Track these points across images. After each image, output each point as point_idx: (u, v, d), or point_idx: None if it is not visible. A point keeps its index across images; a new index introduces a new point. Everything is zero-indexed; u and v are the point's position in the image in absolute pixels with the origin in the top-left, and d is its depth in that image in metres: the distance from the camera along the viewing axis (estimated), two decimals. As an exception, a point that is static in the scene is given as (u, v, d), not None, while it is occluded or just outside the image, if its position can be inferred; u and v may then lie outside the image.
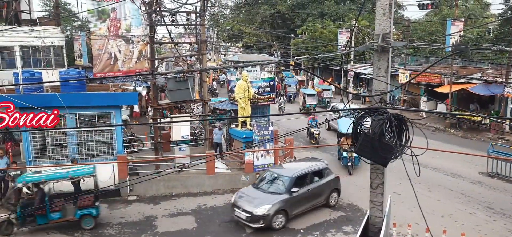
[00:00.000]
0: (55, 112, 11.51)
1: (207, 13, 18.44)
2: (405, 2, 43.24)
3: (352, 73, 32.35)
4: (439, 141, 19.39)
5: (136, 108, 24.62)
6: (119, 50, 24.05)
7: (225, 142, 18.43)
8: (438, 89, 24.05)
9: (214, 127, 17.28)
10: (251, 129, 15.30)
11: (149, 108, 21.35)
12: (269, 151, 14.86)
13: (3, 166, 11.58)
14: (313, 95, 26.48)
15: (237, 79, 16.13)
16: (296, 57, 5.39)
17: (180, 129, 16.20)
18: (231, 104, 17.56)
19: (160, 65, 18.86)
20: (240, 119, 15.66)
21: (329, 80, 39.23)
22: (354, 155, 19.49)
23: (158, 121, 16.83)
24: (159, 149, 16.09)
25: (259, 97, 16.45)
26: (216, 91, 36.03)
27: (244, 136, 15.42)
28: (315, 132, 18.23)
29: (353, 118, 5.23)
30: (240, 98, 15.23)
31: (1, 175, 11.68)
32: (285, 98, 29.76)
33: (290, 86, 33.12)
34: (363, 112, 5.22)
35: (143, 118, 24.46)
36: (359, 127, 5.21)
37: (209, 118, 16.19)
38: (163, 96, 25.86)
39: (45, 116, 11.43)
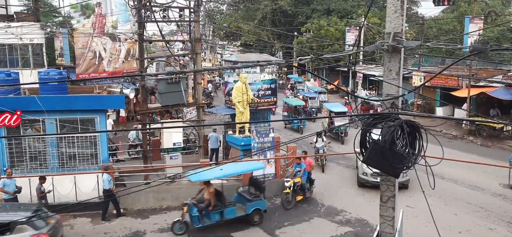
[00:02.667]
0: (18, 112, 11.87)
1: (201, 9, 18.53)
2: (419, -3, 43.43)
3: (361, 75, 32.46)
4: (456, 150, 19.42)
5: (122, 113, 24.65)
6: (105, 49, 24.10)
7: (221, 149, 18.49)
8: (455, 93, 24.08)
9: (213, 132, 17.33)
10: (249, 136, 15.33)
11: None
12: (270, 160, 14.86)
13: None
14: (343, 112, 21.59)
15: (235, 81, 16.16)
16: (299, 58, 5.42)
17: (172, 136, 16.20)
18: (228, 109, 17.57)
19: (150, 65, 18.92)
20: (237, 125, 15.68)
21: (336, 82, 39.35)
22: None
23: (147, 126, 16.83)
24: (148, 158, 16.08)
25: (258, 100, 16.48)
26: (212, 94, 36.10)
27: (242, 143, 15.43)
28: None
29: (361, 125, 5.26)
30: (238, 102, 15.26)
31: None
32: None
33: (311, 98, 28.70)
34: (372, 118, 5.25)
35: (130, 124, 24.48)
36: (367, 135, 5.23)
37: (204, 124, 16.20)
38: (153, 100, 25.92)
39: (9, 116, 11.84)
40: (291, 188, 13.81)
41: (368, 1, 40.21)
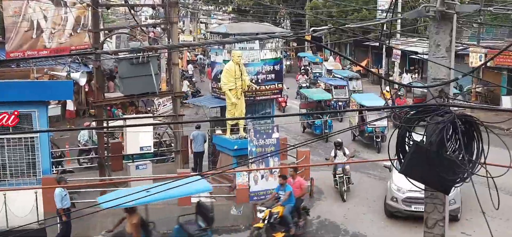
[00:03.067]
0: (16, 112, 13.02)
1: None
2: None
3: (399, 52, 32.50)
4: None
5: (70, 105, 24.65)
6: (45, 17, 24.05)
7: (206, 155, 18.53)
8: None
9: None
10: (245, 136, 15.34)
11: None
12: (274, 170, 14.90)
13: None
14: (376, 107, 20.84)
15: (225, 61, 16.18)
16: (312, 28, 5.40)
17: (138, 137, 16.22)
18: (216, 99, 17.61)
19: (108, 39, 18.90)
20: (229, 122, 15.70)
21: (364, 63, 39.39)
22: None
23: (104, 124, 16.83)
24: (106, 167, 16.11)
25: (257, 88, 16.51)
26: (193, 79, 36.13)
27: (235, 147, 15.44)
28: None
29: (398, 122, 5.26)
30: (229, 90, 15.27)
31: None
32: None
33: (338, 87, 27.98)
34: (413, 112, 5.25)
35: (81, 120, 24.51)
36: (406, 135, 5.24)
37: (183, 121, 16.21)
38: (112, 87, 25.97)
39: (7, 116, 12.92)
40: (266, 221, 12.87)
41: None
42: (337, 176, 16.46)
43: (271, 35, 13.89)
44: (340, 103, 27.09)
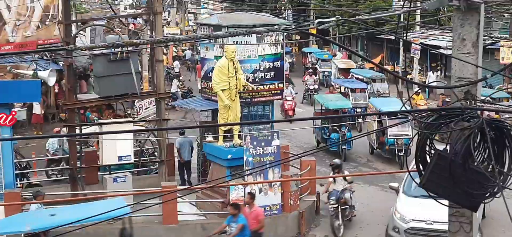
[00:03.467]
0: (13, 112, 13.81)
1: None
2: None
3: (418, 47, 32.56)
4: None
5: (37, 109, 24.62)
6: (8, 7, 24.03)
7: (196, 166, 18.50)
8: None
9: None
10: (240, 143, 15.35)
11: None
12: (274, 184, 14.88)
13: None
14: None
15: (217, 58, 16.19)
16: (318, 20, 5.40)
17: (116, 145, 16.20)
18: (207, 101, 17.61)
19: (81, 33, 18.87)
20: (221, 128, 15.71)
21: (378, 59, 39.45)
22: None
23: (77, 131, 16.79)
24: (79, 180, 16.08)
25: (254, 88, 16.52)
26: (181, 78, 36.14)
27: (229, 156, 15.44)
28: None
29: (417, 127, 5.26)
30: (222, 90, 15.28)
31: None
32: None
33: (353, 90, 27.40)
34: (435, 116, 5.26)
35: (50, 126, 24.47)
36: (428, 143, 5.24)
37: (169, 127, 16.20)
38: (85, 87, 25.94)
39: (5, 116, 13.52)
40: None
41: None
42: (330, 207, 15.15)
43: (270, 28, 13.83)
44: (359, 110, 25.54)
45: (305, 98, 32.11)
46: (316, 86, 32.31)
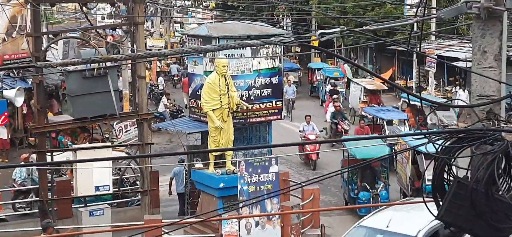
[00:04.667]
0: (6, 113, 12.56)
1: None
2: None
3: (434, 61, 32.64)
4: None
5: (2, 133, 24.52)
6: (-30, 17, 24.02)
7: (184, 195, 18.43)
8: None
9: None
10: (234, 170, 15.32)
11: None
12: (272, 216, 14.83)
13: None
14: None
15: (207, 73, 16.21)
16: (320, 31, 5.41)
17: (92, 174, 16.16)
18: (195, 122, 17.61)
19: (53, 46, 18.90)
20: (212, 153, 15.69)
21: (388, 73, 39.54)
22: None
23: (48, 158, 16.75)
24: (50, 215, 16.00)
25: (249, 106, 16.54)
26: (168, 102, 36.21)
27: (221, 185, 15.42)
28: None
29: (434, 152, 5.25)
30: (213, 110, 15.28)
31: None
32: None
33: (389, 123, 25.20)
34: (454, 138, 5.25)
35: (17, 153, 24.39)
36: (446, 169, 5.24)
37: (152, 154, 16.16)
38: (57, 108, 25.90)
39: None
40: None
41: None
42: None
43: (266, 40, 13.91)
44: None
45: (329, 134, 27.37)
46: (342, 117, 28.48)
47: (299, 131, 25.64)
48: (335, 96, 31.22)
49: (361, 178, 19.53)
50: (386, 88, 33.61)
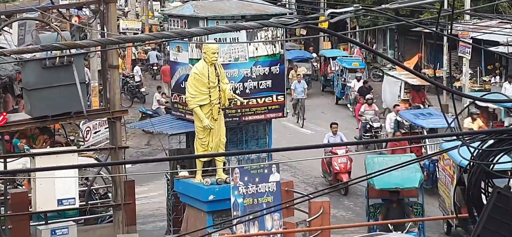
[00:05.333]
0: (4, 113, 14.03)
1: None
2: None
3: (469, 46, 32.59)
4: None
5: None
6: None
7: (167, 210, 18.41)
8: None
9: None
10: (226, 179, 15.34)
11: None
12: (273, 235, 14.84)
13: None
14: None
15: (193, 62, 16.19)
16: (330, 11, 5.37)
17: (54, 185, 16.13)
18: (179, 121, 17.61)
19: (6, 29, 18.87)
20: (200, 159, 15.68)
21: (413, 61, 39.52)
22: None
23: (1, 165, 16.74)
24: (3, 234, 15.96)
25: (245, 102, 16.53)
26: (142, 91, 36.22)
27: (211, 197, 15.44)
28: None
29: (468, 157, 5.25)
30: (200, 106, 15.27)
31: None
32: None
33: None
34: (492, 141, 5.24)
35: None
36: (483, 178, 5.23)
37: (125, 161, 16.16)
38: (11, 104, 25.82)
39: None
40: None
41: None
42: None
43: (265, 21, 13.90)
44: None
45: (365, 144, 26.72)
46: (380, 124, 27.70)
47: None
48: (369, 96, 29.68)
49: (384, 214, 18.38)
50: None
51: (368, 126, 27.67)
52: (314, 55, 43.44)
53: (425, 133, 23.49)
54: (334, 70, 38.25)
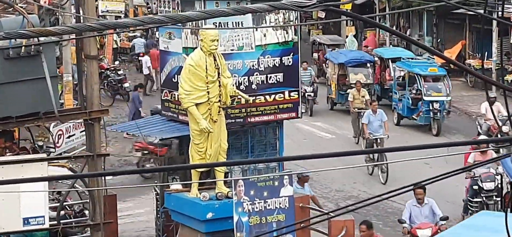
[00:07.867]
0: None
1: None
2: None
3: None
4: None
5: None
6: None
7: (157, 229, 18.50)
8: None
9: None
10: (228, 194, 15.37)
11: None
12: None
13: None
14: None
15: (188, 51, 16.25)
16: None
17: (19, 201, 16.19)
18: (171, 123, 17.69)
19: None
20: (196, 170, 15.73)
21: (455, 50, 39.59)
22: None
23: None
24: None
25: (250, 99, 16.57)
26: (126, 86, 36.34)
27: (209, 215, 15.52)
28: None
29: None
30: (197, 105, 15.31)
31: None
32: None
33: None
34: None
35: None
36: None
37: (106, 171, 16.23)
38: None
39: None
40: None
41: None
42: None
43: (275, 3, 13.94)
44: None
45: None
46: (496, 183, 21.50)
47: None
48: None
49: None
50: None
51: (476, 186, 21.38)
52: (375, 57, 38.60)
53: None
54: (392, 76, 34.99)
